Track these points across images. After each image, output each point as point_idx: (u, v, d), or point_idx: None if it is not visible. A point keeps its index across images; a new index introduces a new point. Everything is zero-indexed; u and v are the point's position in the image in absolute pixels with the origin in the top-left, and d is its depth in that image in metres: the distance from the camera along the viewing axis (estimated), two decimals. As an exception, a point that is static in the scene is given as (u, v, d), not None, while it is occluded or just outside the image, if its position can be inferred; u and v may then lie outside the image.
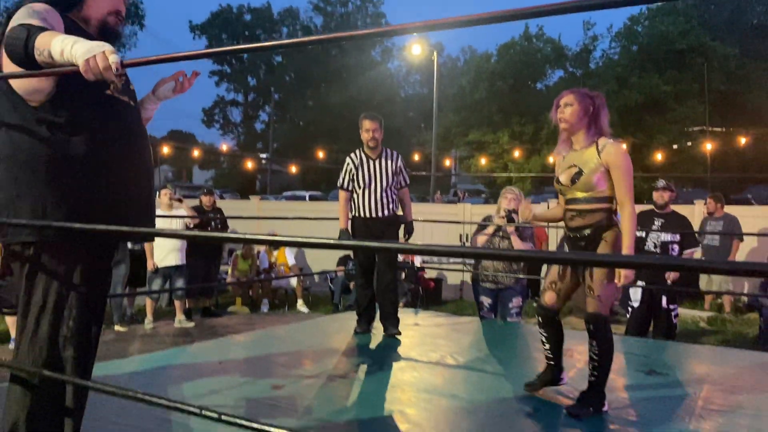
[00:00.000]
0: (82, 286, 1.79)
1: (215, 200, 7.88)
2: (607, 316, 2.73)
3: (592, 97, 2.77)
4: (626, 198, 2.66)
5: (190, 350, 4.04)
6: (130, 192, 1.91)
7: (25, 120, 1.74)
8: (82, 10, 1.91)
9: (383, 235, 4.24)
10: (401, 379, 3.27)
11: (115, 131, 1.86)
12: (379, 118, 4.39)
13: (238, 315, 7.80)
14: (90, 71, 1.42)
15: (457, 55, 46.68)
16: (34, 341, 1.76)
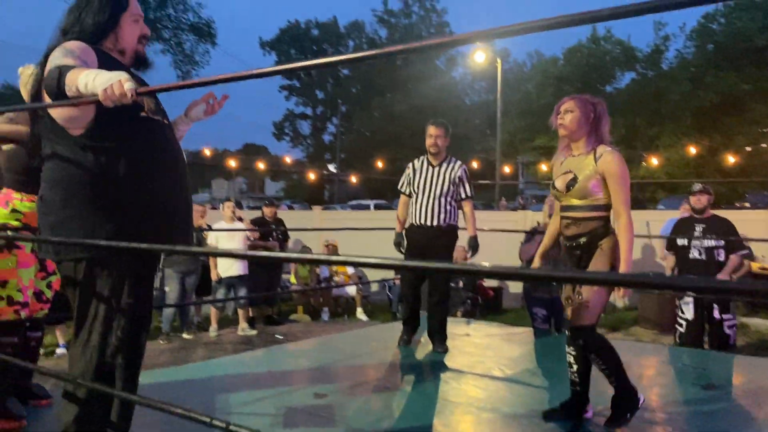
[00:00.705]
0: (129, 297, 1.90)
1: (276, 211, 8.09)
2: (593, 325, 2.64)
3: (593, 104, 2.70)
4: (622, 208, 2.58)
5: (242, 359, 4.17)
6: (170, 207, 2.01)
7: (69, 147, 1.87)
8: (117, 42, 2.03)
9: (431, 246, 4.10)
10: (443, 391, 3.27)
11: (152, 149, 1.96)
12: (444, 125, 4.29)
13: (299, 323, 7.97)
14: (108, 99, 1.52)
15: (524, 60, 46.04)
16: (86, 350, 1.88)
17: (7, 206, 2.71)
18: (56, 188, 1.89)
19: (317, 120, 42.13)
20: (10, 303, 2.68)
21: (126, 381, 1.92)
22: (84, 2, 2.02)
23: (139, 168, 1.92)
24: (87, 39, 1.95)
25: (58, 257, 1.93)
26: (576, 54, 27.85)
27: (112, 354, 1.88)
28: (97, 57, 1.90)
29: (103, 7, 2.00)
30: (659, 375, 3.67)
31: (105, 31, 2.00)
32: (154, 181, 1.95)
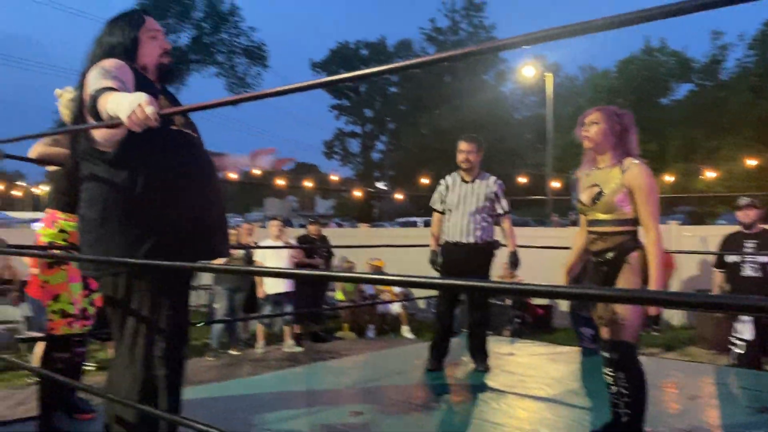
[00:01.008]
0: (169, 310, 1.94)
1: (321, 229, 8.17)
2: (634, 344, 2.52)
3: (619, 115, 2.62)
4: (651, 222, 2.47)
5: (283, 376, 4.20)
6: (204, 218, 2.05)
7: (104, 166, 1.93)
8: (137, 60, 2.09)
9: (468, 263, 4.02)
10: (481, 411, 3.20)
11: (183, 162, 2.01)
12: (476, 139, 4.21)
13: (344, 340, 7.99)
14: (134, 124, 1.56)
15: (575, 73, 45.34)
16: (131, 364, 1.92)
17: (53, 226, 2.83)
18: (94, 206, 1.95)
19: (366, 138, 42.50)
20: (63, 316, 2.78)
21: (170, 393, 1.95)
22: (106, 30, 2.12)
23: (171, 182, 1.96)
24: (116, 56, 2.02)
25: (98, 273, 1.99)
26: (629, 66, 27.29)
27: (156, 366, 1.91)
28: (133, 72, 1.97)
29: (120, 30, 2.09)
30: (712, 397, 3.50)
31: (127, 51, 2.07)
32: (187, 193, 2.00)
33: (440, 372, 4.02)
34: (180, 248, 1.94)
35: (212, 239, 2.08)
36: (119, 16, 2.15)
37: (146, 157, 1.93)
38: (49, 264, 2.76)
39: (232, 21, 29.99)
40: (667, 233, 9.13)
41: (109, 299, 2.00)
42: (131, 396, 1.89)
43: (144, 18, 2.15)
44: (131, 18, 2.14)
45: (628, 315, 2.47)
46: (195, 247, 2.00)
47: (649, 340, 7.75)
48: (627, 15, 1.06)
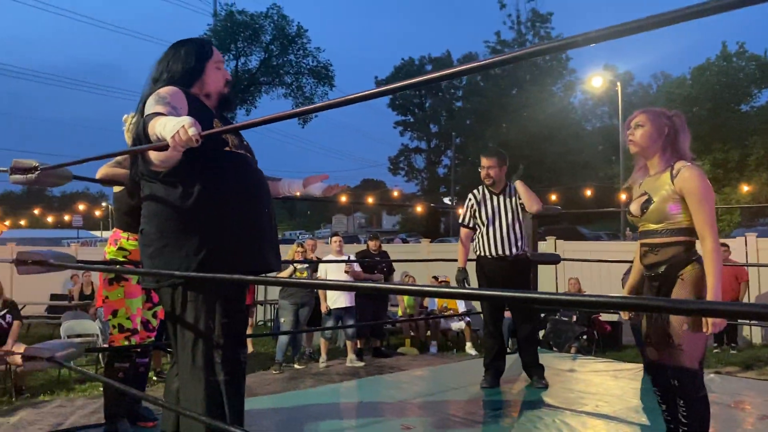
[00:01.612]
0: (225, 316, 2.03)
1: (381, 244, 8.24)
2: (697, 370, 2.34)
3: (669, 117, 2.46)
4: (707, 230, 2.27)
5: (340, 388, 4.26)
6: (256, 231, 2.14)
7: (161, 185, 2.06)
8: (203, 87, 2.22)
9: (509, 278, 3.95)
10: (531, 427, 3.15)
11: (237, 180, 2.11)
12: (497, 153, 4.15)
13: (406, 356, 7.99)
14: (177, 145, 1.67)
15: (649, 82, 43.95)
16: (194, 371, 2.01)
17: (115, 244, 3.01)
18: (152, 222, 2.08)
19: (431, 153, 42.59)
20: (121, 330, 2.95)
21: (231, 397, 2.02)
22: (172, 53, 2.23)
23: (224, 199, 2.06)
24: (177, 84, 2.14)
25: (157, 285, 2.11)
26: (705, 73, 26.21)
27: (217, 372, 2.00)
28: (187, 99, 2.08)
29: (189, 55, 2.21)
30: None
31: (192, 78, 2.19)
32: (239, 210, 2.09)
33: (496, 389, 3.96)
34: (232, 261, 2.03)
35: (263, 253, 2.16)
36: (188, 43, 2.27)
37: (199, 175, 2.04)
38: (110, 280, 2.93)
39: (299, 43, 30.78)
40: (742, 246, 8.71)
41: (168, 309, 2.10)
42: (198, 402, 1.98)
43: (212, 50, 2.28)
44: (201, 48, 2.26)
45: (686, 341, 2.31)
46: (246, 261, 2.08)
47: (727, 359, 7.37)
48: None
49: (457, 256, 4.18)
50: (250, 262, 2.09)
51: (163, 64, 2.22)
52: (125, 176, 2.90)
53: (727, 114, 25.63)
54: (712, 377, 4.21)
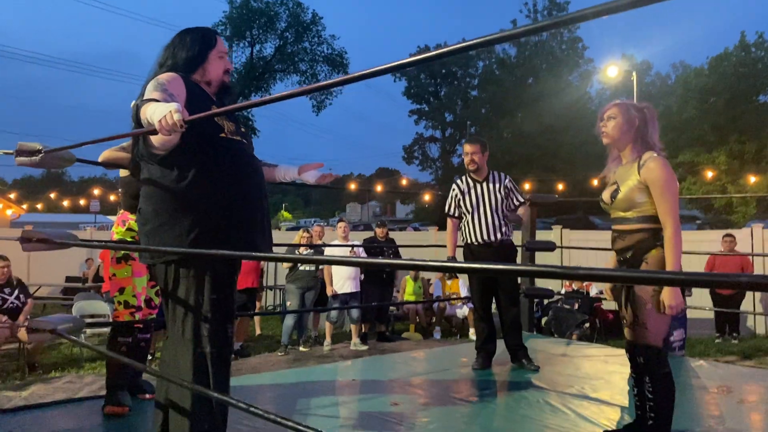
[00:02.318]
0: (213, 292, 2.15)
1: (387, 231, 8.35)
2: (661, 348, 2.44)
3: (639, 109, 2.56)
4: (668, 218, 2.39)
5: (337, 367, 4.39)
6: (248, 214, 2.25)
7: (158, 167, 2.17)
8: (205, 74, 2.33)
9: (499, 261, 4.03)
10: (515, 407, 3.25)
11: (231, 165, 2.22)
12: (480, 141, 4.25)
13: (410, 341, 8.12)
14: (163, 129, 1.79)
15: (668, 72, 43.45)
16: (183, 342, 2.14)
17: (123, 225, 3.15)
18: (149, 201, 2.20)
19: (446, 142, 42.46)
20: (126, 306, 3.10)
21: (218, 368, 2.14)
22: (178, 40, 2.35)
23: (217, 181, 2.17)
24: (179, 70, 2.26)
25: (153, 261, 2.24)
26: (722, 63, 25.85)
27: (204, 344, 2.12)
28: (186, 85, 2.20)
29: (194, 43, 2.32)
30: (763, 402, 3.38)
31: (195, 65, 2.31)
32: (231, 192, 2.20)
33: (487, 371, 4.08)
34: (222, 240, 2.15)
35: (253, 235, 2.26)
36: (193, 31, 2.38)
37: (195, 159, 2.15)
38: (117, 259, 3.08)
39: (314, 30, 30.85)
40: (748, 237, 8.71)
41: (162, 285, 2.23)
42: (185, 371, 2.10)
43: (216, 39, 2.39)
44: (206, 36, 2.37)
45: (649, 318, 2.43)
46: (235, 241, 2.19)
47: (727, 348, 7.41)
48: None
49: (447, 245, 4.29)
50: (238, 243, 2.20)
51: (169, 50, 2.33)
52: (128, 160, 3.04)
53: (744, 105, 25.29)
54: (701, 364, 4.29)
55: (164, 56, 2.32)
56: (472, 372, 4.04)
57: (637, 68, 30.12)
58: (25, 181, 60.84)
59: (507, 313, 4.17)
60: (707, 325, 8.35)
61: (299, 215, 55.29)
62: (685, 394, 3.59)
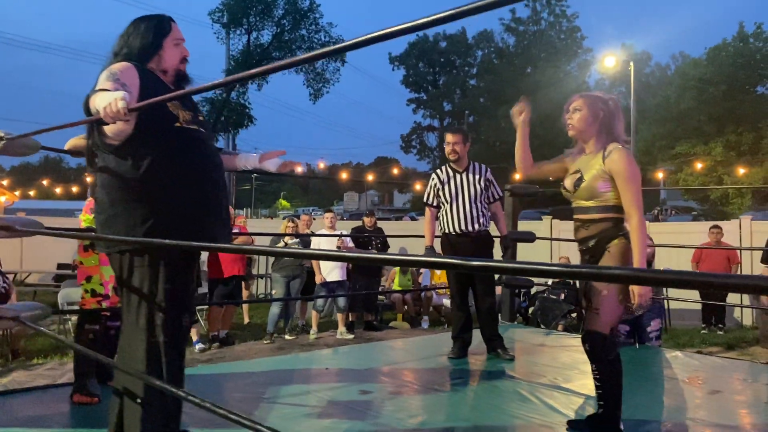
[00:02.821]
0: (167, 283, 2.15)
1: (376, 221, 8.35)
2: (608, 335, 2.46)
3: (605, 101, 2.56)
4: (633, 208, 2.41)
5: (311, 356, 4.41)
6: (204, 205, 2.24)
7: (113, 156, 2.16)
8: (160, 63, 2.30)
9: (473, 253, 4.00)
10: (485, 396, 3.27)
11: (186, 155, 2.21)
12: (462, 131, 4.27)
13: (397, 330, 8.14)
14: (107, 117, 1.77)
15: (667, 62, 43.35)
16: (137, 331, 2.14)
17: (91, 213, 3.14)
18: (104, 191, 2.20)
19: (444, 131, 42.44)
20: (93, 295, 3.10)
21: (170, 361, 2.14)
22: (132, 28, 2.31)
23: (171, 171, 2.16)
24: (134, 59, 2.23)
25: (108, 250, 2.23)
26: (720, 53, 25.76)
27: (157, 334, 2.12)
28: (140, 74, 2.18)
29: (147, 32, 2.29)
30: (734, 393, 3.39)
31: (149, 53, 2.28)
32: (186, 182, 2.19)
33: (462, 359, 4.09)
34: (176, 230, 2.13)
35: (208, 224, 2.25)
36: (148, 19, 2.35)
37: (149, 149, 2.13)
38: (85, 247, 3.07)
39: (312, 17, 30.66)
40: (737, 229, 8.71)
41: (117, 274, 2.23)
42: (139, 360, 2.11)
43: (171, 26, 2.35)
44: (160, 25, 2.33)
45: (602, 305, 2.44)
46: (191, 231, 2.17)
47: (712, 339, 7.44)
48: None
49: (425, 235, 4.27)
50: (194, 233, 2.18)
51: (124, 39, 2.30)
52: None
53: (742, 96, 25.22)
54: (676, 354, 4.30)
55: (119, 45, 2.29)
56: (447, 361, 4.05)
57: (636, 58, 30.03)
58: (23, 167, 60.75)
59: (482, 302, 4.17)
60: (695, 315, 8.38)
61: (298, 204, 55.23)
62: (655, 384, 3.62)
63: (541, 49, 37.17)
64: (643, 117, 29.19)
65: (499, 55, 39.86)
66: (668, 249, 7.96)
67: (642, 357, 4.26)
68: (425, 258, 1.29)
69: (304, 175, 4.63)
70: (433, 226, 4.26)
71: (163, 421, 2.11)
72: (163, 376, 2.11)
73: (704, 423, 2.85)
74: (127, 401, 2.13)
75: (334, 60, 31.12)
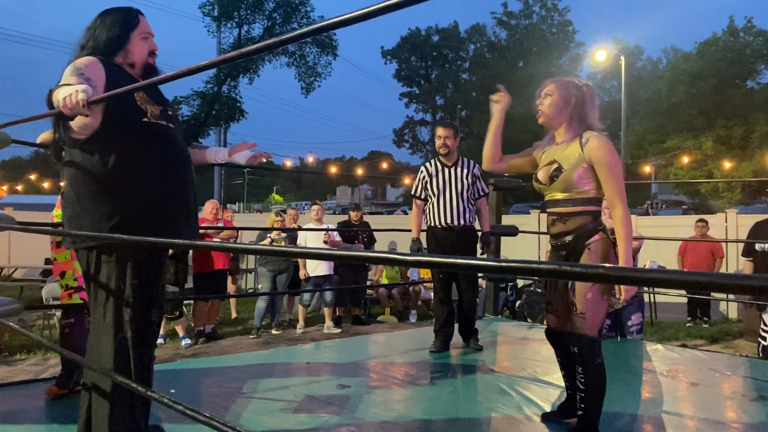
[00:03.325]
0: (134, 279, 2.13)
1: (362, 215, 8.34)
2: (595, 338, 2.39)
3: (578, 87, 2.47)
4: (617, 198, 2.31)
5: (292, 350, 4.40)
6: (171, 201, 2.22)
7: (79, 151, 2.14)
8: (127, 56, 2.26)
9: (458, 248, 4.06)
10: (466, 389, 3.27)
11: (154, 150, 2.18)
12: (453, 126, 4.29)
13: (384, 324, 8.15)
14: (65, 108, 1.75)
15: (659, 56, 43.40)
16: (104, 327, 2.12)
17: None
18: (71, 186, 2.17)
19: (436, 126, 42.44)
20: (66, 289, 3.08)
21: (138, 356, 2.12)
22: (99, 21, 2.28)
23: (138, 167, 2.14)
24: (100, 53, 2.20)
25: (75, 246, 2.21)
26: (710, 48, 25.83)
27: (125, 329, 2.10)
28: (106, 69, 2.14)
29: (114, 24, 2.25)
30: (711, 385, 3.41)
31: (116, 47, 2.24)
32: (156, 178, 2.17)
33: (444, 353, 4.09)
34: (143, 226, 2.11)
35: (176, 220, 2.23)
36: (114, 11, 2.30)
37: (115, 144, 2.11)
38: (57, 243, 3.05)
39: (303, 11, 30.50)
40: (722, 222, 8.76)
41: (84, 269, 2.21)
42: (106, 356, 2.09)
43: (139, 19, 2.31)
44: (127, 17, 2.29)
45: (588, 308, 2.36)
46: (157, 226, 2.15)
47: (697, 332, 7.48)
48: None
49: (412, 227, 4.29)
50: (160, 230, 2.13)
51: (90, 32, 2.26)
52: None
53: (732, 90, 25.34)
54: (657, 348, 4.32)
55: (85, 38, 2.25)
56: (428, 355, 4.05)
57: (628, 52, 30.06)
58: (14, 161, 60.32)
59: (465, 296, 4.19)
60: (681, 309, 8.42)
61: (290, 198, 55.15)
62: (633, 376, 3.63)
63: (532, 43, 37.18)
64: (635, 111, 29.27)
65: (491, 49, 39.84)
66: (656, 242, 7.98)
67: (622, 350, 4.28)
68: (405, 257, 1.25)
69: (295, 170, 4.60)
70: (420, 219, 4.28)
71: (130, 417, 2.10)
72: (131, 371, 2.09)
73: (680, 416, 2.86)
74: (95, 397, 2.12)
75: (326, 54, 31.02)
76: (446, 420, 2.78)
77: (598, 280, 2.30)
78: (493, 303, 5.41)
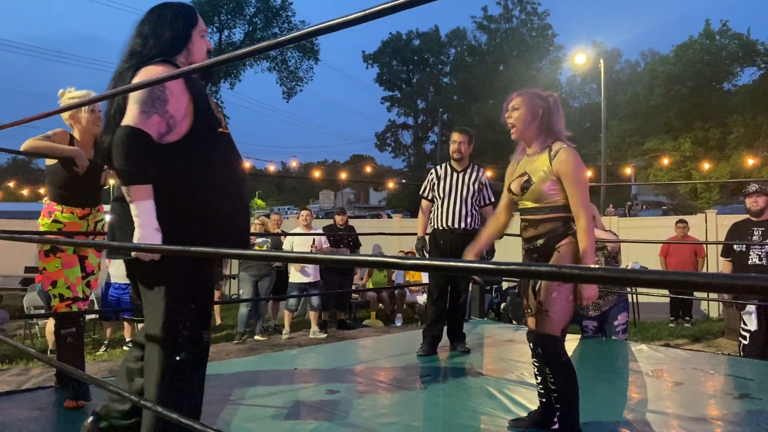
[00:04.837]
0: (188, 291, 2.00)
1: (347, 219, 8.34)
2: (559, 337, 2.43)
3: (543, 98, 2.52)
4: (581, 210, 2.38)
5: (279, 357, 4.38)
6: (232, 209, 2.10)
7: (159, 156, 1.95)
8: (189, 57, 2.11)
9: (458, 250, 4.03)
10: (453, 393, 3.28)
11: (225, 160, 2.08)
12: (468, 132, 4.33)
13: (370, 328, 8.14)
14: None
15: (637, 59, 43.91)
16: (156, 342, 1.96)
17: (49, 216, 3.06)
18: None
19: (418, 129, 42.52)
20: (62, 300, 3.02)
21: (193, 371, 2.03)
22: (156, 16, 2.07)
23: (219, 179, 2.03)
24: (165, 53, 2.02)
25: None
26: (687, 51, 26.23)
27: (178, 349, 1.96)
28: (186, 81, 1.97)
29: (177, 21, 2.07)
30: (694, 384, 3.46)
31: (179, 46, 2.07)
32: (232, 192, 2.07)
33: (432, 357, 4.10)
34: (212, 236, 1.99)
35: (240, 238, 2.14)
36: (173, 6, 2.11)
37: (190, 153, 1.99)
38: (46, 252, 3.00)
39: (284, 16, 30.51)
40: (702, 223, 8.89)
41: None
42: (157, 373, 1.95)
43: (198, 17, 2.15)
44: (187, 14, 2.12)
45: (553, 306, 2.40)
46: (227, 236, 2.04)
47: (679, 332, 7.58)
48: None
49: (418, 227, 4.38)
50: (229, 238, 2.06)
51: (147, 29, 2.06)
52: (53, 150, 2.95)
53: (708, 92, 25.74)
54: (642, 348, 4.37)
55: (142, 38, 2.05)
56: (416, 359, 4.06)
57: (607, 56, 30.39)
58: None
59: (457, 298, 4.24)
60: (663, 309, 8.53)
61: (273, 203, 54.85)
62: (618, 376, 3.67)
63: (512, 47, 37.45)
64: (614, 113, 29.58)
65: (471, 53, 40.05)
66: (637, 243, 8.07)
67: (607, 350, 4.33)
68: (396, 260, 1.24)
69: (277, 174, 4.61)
70: (426, 219, 4.35)
71: None
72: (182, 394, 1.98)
73: (665, 414, 2.90)
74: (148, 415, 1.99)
75: (308, 58, 31.03)
76: (436, 424, 2.79)
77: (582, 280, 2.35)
78: (479, 305, 5.43)
